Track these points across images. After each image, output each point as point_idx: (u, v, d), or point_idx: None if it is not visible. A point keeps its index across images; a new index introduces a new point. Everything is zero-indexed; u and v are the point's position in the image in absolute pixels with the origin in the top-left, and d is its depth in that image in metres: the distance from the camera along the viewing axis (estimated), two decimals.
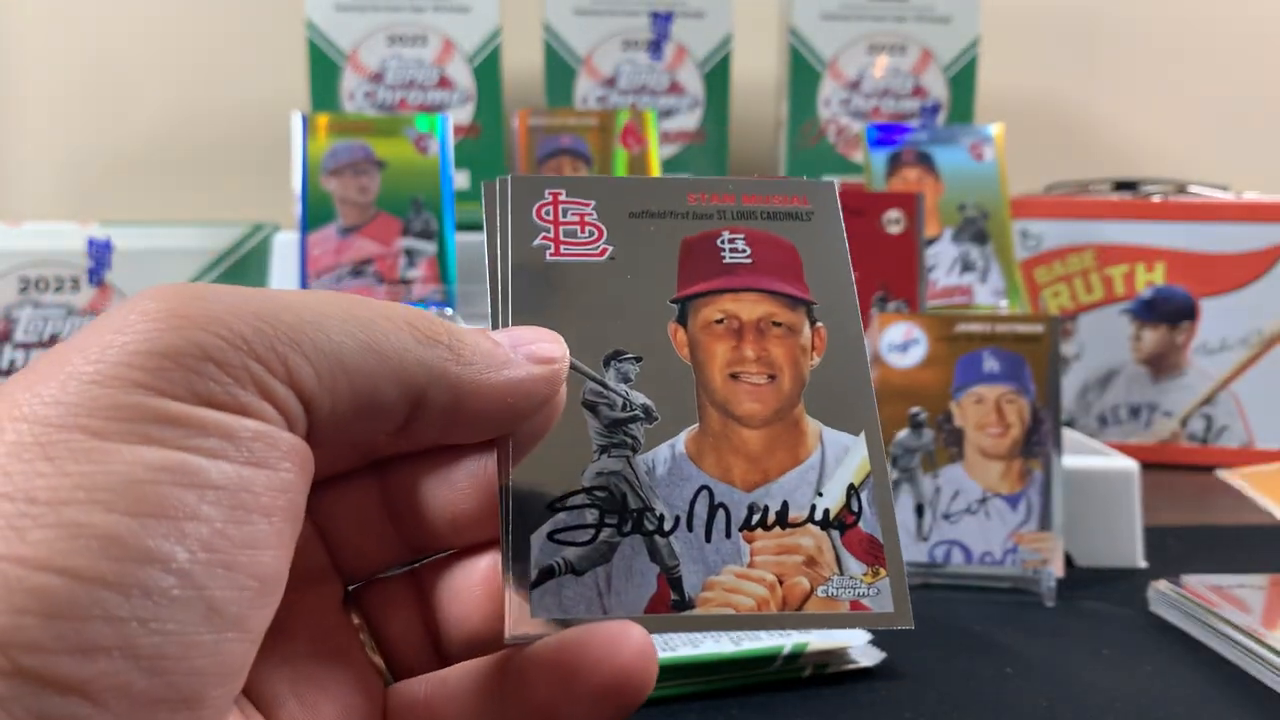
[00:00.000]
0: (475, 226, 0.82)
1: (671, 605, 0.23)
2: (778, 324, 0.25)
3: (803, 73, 0.83)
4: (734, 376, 0.25)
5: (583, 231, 0.25)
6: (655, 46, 0.82)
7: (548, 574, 0.22)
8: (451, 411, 0.22)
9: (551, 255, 0.25)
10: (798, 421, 0.24)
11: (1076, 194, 0.84)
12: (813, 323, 0.25)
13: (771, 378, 0.25)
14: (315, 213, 0.65)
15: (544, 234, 0.25)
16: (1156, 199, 0.80)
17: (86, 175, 0.97)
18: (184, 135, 0.97)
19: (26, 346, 0.69)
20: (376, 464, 0.25)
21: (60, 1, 0.95)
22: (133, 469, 0.17)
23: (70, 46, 0.95)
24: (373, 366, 0.20)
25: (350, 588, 0.25)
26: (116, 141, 0.96)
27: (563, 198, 0.26)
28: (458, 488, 0.24)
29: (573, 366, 0.24)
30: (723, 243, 0.26)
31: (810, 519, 0.24)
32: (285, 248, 0.73)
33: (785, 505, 0.24)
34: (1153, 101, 1.04)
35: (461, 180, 0.79)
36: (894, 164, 0.73)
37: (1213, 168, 0.98)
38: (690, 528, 0.23)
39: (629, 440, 0.24)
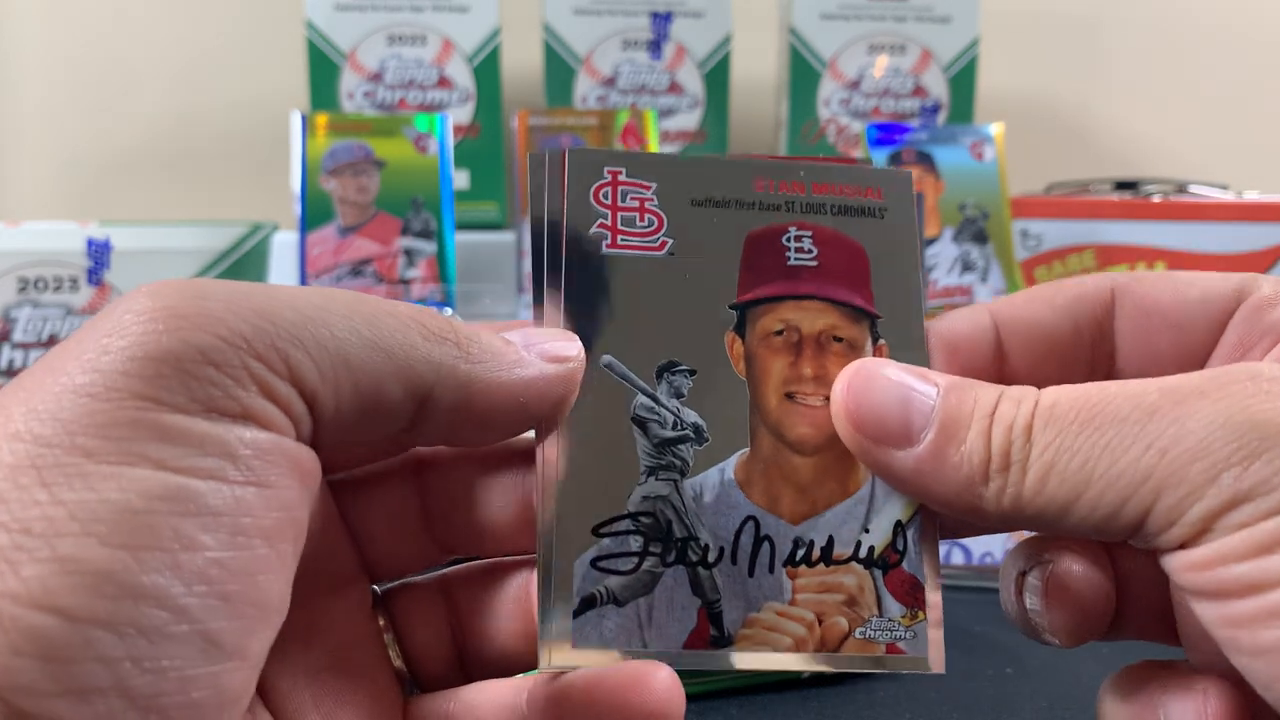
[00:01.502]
0: (475, 226, 0.82)
1: (710, 641, 0.22)
2: (839, 339, 0.24)
3: (803, 73, 0.83)
4: (789, 396, 0.24)
5: (641, 220, 0.24)
6: (655, 46, 0.82)
7: (590, 603, 0.22)
8: (460, 411, 0.21)
9: (608, 246, 0.24)
10: (850, 453, 0.23)
11: (1076, 194, 0.84)
12: (875, 339, 0.24)
13: (828, 399, 0.23)
14: (314, 212, 0.65)
15: (601, 220, 0.24)
16: (1156, 199, 0.80)
17: (85, 175, 0.96)
18: (183, 135, 0.97)
19: (26, 346, 0.69)
20: (417, 464, 0.24)
21: (60, 2, 0.94)
22: (128, 497, 0.16)
23: (69, 46, 0.95)
24: (378, 363, 0.20)
25: (378, 589, 0.25)
26: (115, 141, 0.96)
27: (622, 178, 0.24)
28: (497, 495, 0.24)
29: (624, 378, 0.23)
30: (788, 240, 0.24)
31: (854, 556, 0.23)
32: (284, 248, 0.73)
33: (831, 541, 0.23)
34: (1153, 101, 1.04)
35: (461, 180, 0.79)
36: (894, 164, 0.73)
37: (1213, 168, 0.98)
38: (734, 560, 0.23)
39: (677, 462, 0.23)
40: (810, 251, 0.25)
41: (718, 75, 0.82)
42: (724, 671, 0.23)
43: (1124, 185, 0.83)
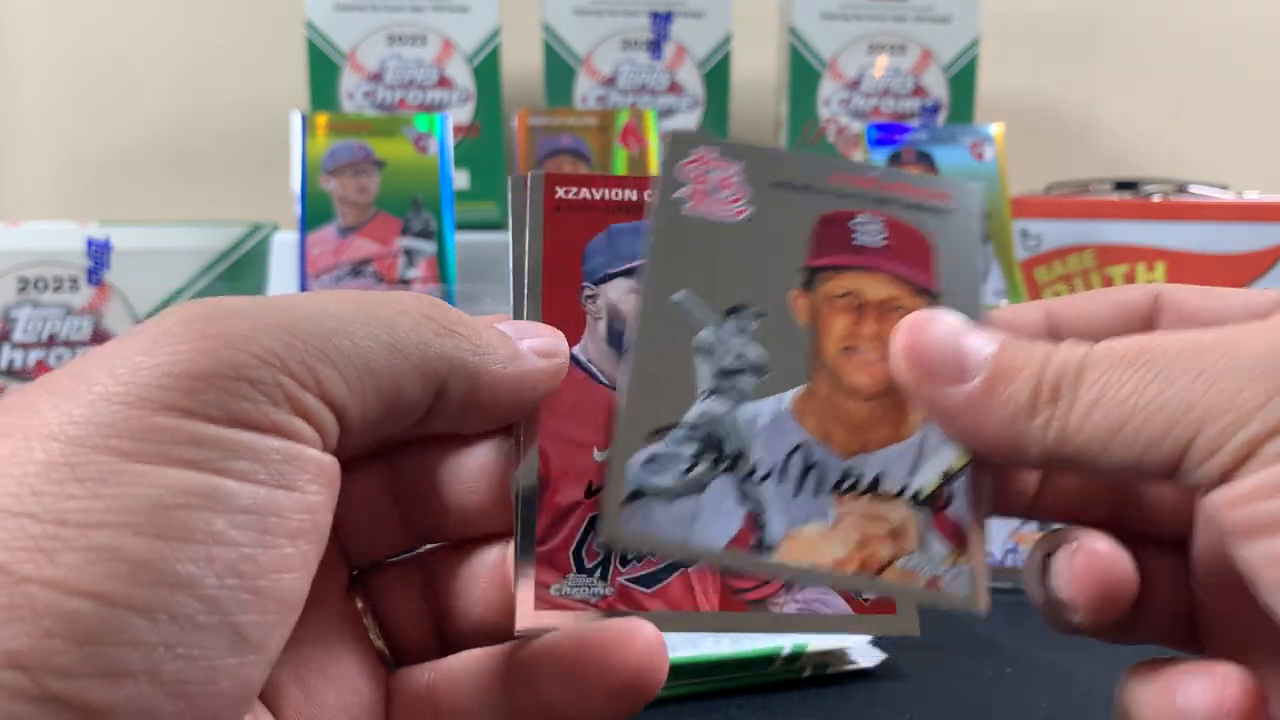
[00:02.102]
0: (475, 226, 0.82)
1: (752, 546, 0.23)
2: (899, 308, 0.25)
3: (803, 72, 0.83)
4: (848, 350, 0.25)
5: (724, 190, 0.26)
6: (655, 46, 0.82)
7: (638, 495, 0.23)
8: (466, 402, 0.22)
9: (689, 210, 0.25)
10: (904, 403, 0.24)
11: (1076, 194, 0.84)
12: None
13: (885, 358, 0.25)
14: (314, 212, 0.65)
15: (685, 189, 0.25)
16: (1156, 199, 0.80)
17: (85, 175, 0.96)
18: (183, 135, 0.97)
19: (25, 346, 0.69)
20: (387, 451, 0.25)
21: (60, 2, 0.94)
22: (161, 493, 0.17)
23: (69, 46, 0.95)
24: (398, 365, 0.20)
25: (356, 572, 0.25)
26: (115, 141, 0.96)
27: (710, 157, 0.26)
28: (468, 478, 0.24)
29: (692, 312, 0.24)
30: (859, 223, 0.26)
31: (901, 494, 0.24)
32: (284, 248, 0.73)
33: (879, 477, 0.24)
34: (1153, 101, 1.04)
35: (461, 180, 0.79)
36: (894, 163, 0.73)
37: (1213, 168, 0.98)
38: (781, 480, 0.23)
39: (735, 392, 0.24)
40: (880, 234, 0.26)
41: (718, 75, 0.82)
42: (761, 575, 0.24)
43: (1124, 185, 0.83)
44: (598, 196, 0.26)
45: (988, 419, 0.22)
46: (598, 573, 0.23)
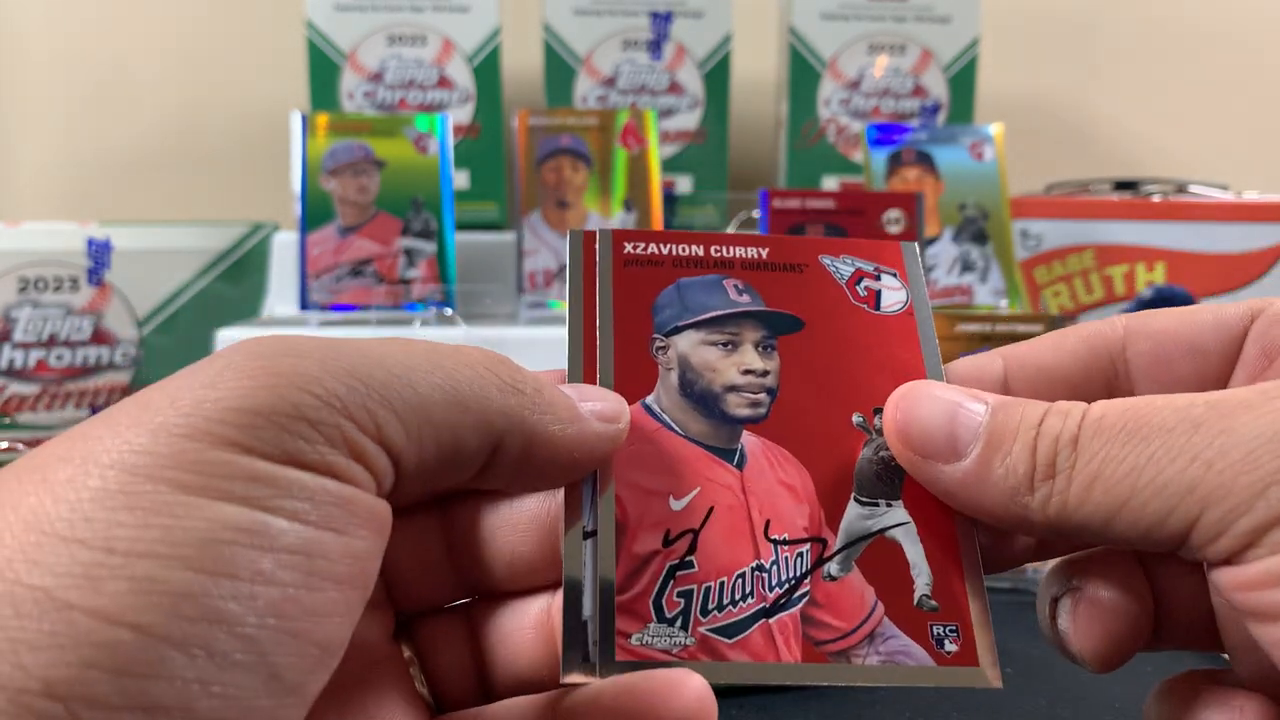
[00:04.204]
0: (475, 226, 0.82)
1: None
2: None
3: (802, 73, 0.83)
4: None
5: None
6: (655, 46, 0.82)
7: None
8: (522, 460, 0.22)
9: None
10: None
11: (1076, 194, 0.84)
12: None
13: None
14: (315, 212, 0.65)
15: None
16: (1156, 199, 0.80)
17: (86, 175, 0.97)
18: (184, 135, 0.97)
19: (26, 346, 0.69)
20: (440, 502, 0.25)
21: (60, 2, 0.94)
22: (212, 526, 0.17)
23: (70, 47, 0.95)
24: (457, 418, 0.20)
25: (402, 619, 0.25)
26: (116, 141, 0.96)
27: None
28: (519, 531, 0.24)
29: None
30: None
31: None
32: (285, 247, 0.73)
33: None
34: (1153, 101, 1.04)
35: (461, 180, 0.79)
36: (894, 164, 0.73)
37: (1213, 168, 0.98)
38: None
39: None
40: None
41: (718, 75, 0.82)
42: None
43: (1124, 185, 0.83)
44: (665, 251, 0.27)
45: (986, 496, 0.22)
46: (678, 622, 0.23)
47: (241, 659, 0.16)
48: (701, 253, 0.27)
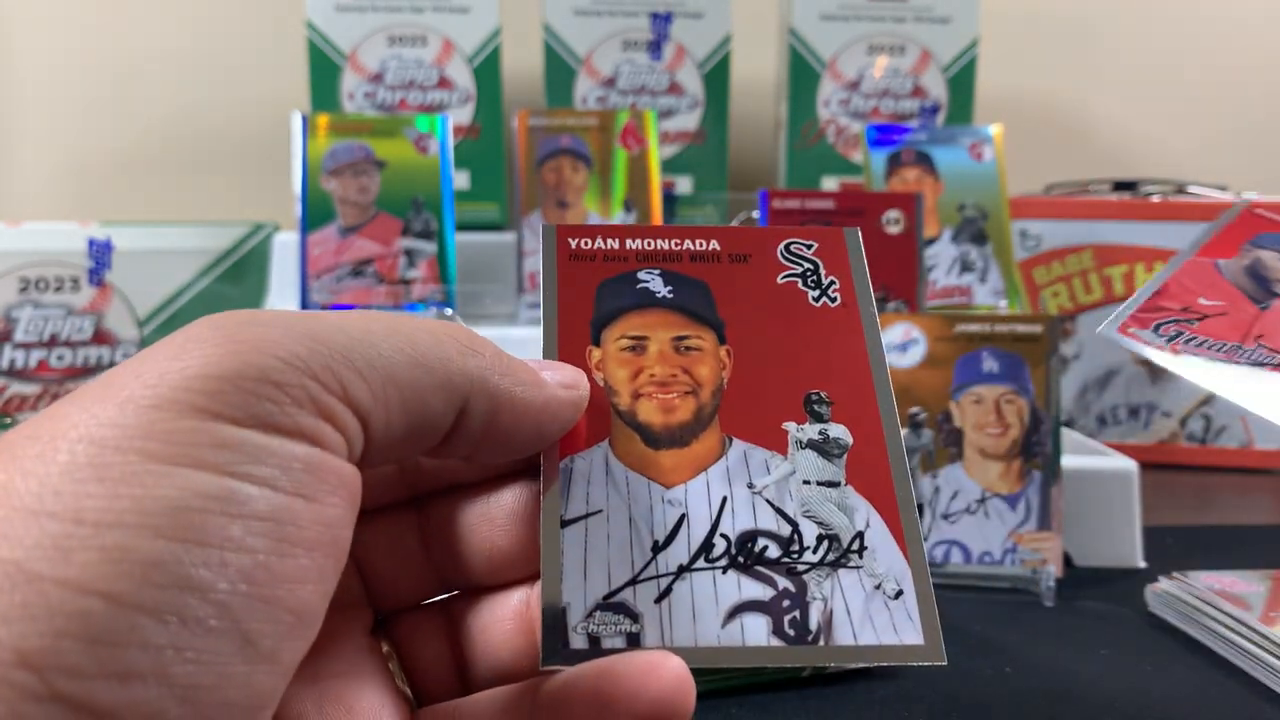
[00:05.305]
0: (475, 226, 0.82)
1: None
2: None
3: (802, 73, 0.83)
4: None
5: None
6: (655, 47, 0.82)
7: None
8: (488, 425, 0.22)
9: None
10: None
11: (1076, 194, 0.84)
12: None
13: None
14: (315, 213, 0.65)
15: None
16: (1156, 199, 0.80)
17: (86, 175, 0.97)
18: (184, 135, 0.97)
19: (26, 346, 0.69)
20: (416, 498, 0.25)
21: (61, 3, 0.95)
22: (182, 494, 0.17)
23: (71, 47, 0.95)
24: (420, 378, 0.21)
25: (380, 616, 0.25)
26: (117, 142, 0.96)
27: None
28: (497, 525, 0.24)
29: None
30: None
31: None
32: (285, 248, 0.73)
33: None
34: (1153, 101, 1.04)
35: (462, 180, 0.79)
36: (893, 164, 0.73)
37: (1213, 168, 0.98)
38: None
39: None
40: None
41: (718, 75, 0.82)
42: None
43: (1123, 185, 0.83)
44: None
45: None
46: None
47: (215, 625, 0.16)
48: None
